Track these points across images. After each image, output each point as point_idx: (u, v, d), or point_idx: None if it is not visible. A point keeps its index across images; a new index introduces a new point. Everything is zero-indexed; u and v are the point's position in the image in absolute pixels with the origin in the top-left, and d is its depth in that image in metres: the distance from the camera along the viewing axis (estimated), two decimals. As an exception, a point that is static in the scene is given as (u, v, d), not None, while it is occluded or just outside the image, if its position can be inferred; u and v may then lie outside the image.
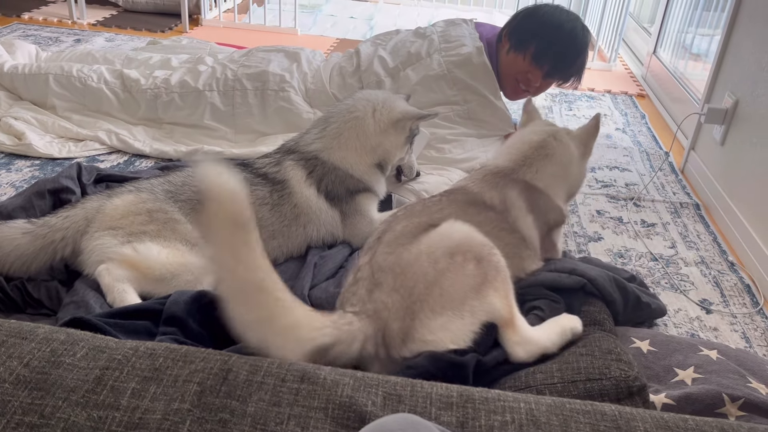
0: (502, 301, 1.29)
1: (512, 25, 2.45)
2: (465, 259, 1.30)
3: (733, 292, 1.89)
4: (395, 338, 1.24)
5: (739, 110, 2.33)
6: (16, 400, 0.87)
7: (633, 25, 4.47)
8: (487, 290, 1.29)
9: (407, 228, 1.39)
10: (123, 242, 1.52)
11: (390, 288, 1.28)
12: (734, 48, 2.46)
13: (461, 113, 2.36)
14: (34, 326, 1.00)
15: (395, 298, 1.27)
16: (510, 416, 0.91)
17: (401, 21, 4.71)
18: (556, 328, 1.34)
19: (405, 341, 1.24)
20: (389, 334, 1.24)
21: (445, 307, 1.26)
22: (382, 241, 1.38)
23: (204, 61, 2.64)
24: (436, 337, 1.24)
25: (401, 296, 1.27)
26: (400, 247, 1.34)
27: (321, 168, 1.80)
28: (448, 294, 1.27)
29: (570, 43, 2.39)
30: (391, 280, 1.29)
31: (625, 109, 3.38)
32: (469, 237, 1.35)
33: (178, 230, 1.58)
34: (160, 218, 1.57)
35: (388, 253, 1.34)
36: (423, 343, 1.24)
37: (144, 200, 1.60)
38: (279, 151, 1.88)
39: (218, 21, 4.32)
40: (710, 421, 0.93)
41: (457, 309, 1.27)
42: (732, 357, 1.39)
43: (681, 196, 2.46)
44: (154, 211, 1.58)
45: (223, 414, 0.88)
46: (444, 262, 1.29)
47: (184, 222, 1.60)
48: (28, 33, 3.78)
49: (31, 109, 2.51)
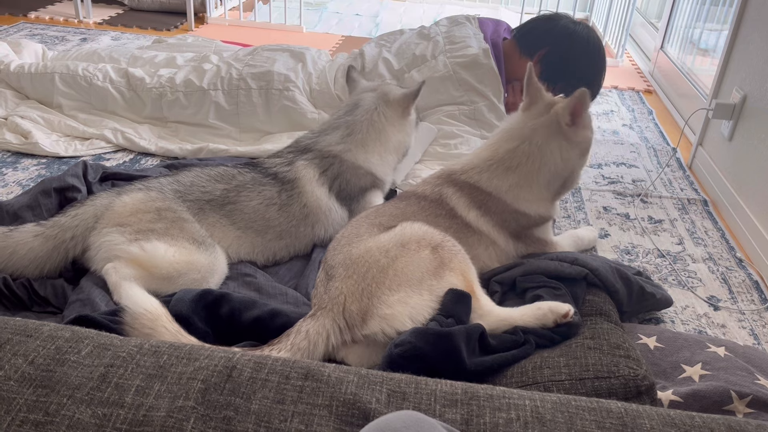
0: (459, 279, 1.33)
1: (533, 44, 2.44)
2: (419, 247, 1.35)
3: (742, 289, 1.88)
4: (355, 318, 1.28)
5: (747, 105, 2.31)
6: (21, 397, 0.87)
7: (640, 20, 4.45)
8: (444, 271, 1.33)
9: (355, 230, 1.46)
10: (130, 240, 1.52)
11: (343, 276, 1.33)
12: (742, 43, 2.45)
13: (467, 113, 2.36)
14: (39, 324, 1.00)
15: (349, 283, 1.32)
16: (515, 413, 0.91)
17: (407, 18, 4.70)
18: (533, 308, 1.35)
19: (365, 319, 1.28)
20: (349, 316, 1.29)
21: (402, 284, 1.31)
22: (331, 245, 1.47)
23: (209, 59, 2.64)
24: (395, 310, 1.27)
25: (355, 281, 1.32)
26: (347, 246, 1.41)
27: (338, 167, 1.81)
28: (404, 274, 1.32)
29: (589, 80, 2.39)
30: (342, 271, 1.35)
31: (632, 104, 3.37)
32: (422, 230, 1.40)
33: (186, 229, 1.58)
34: (168, 217, 1.57)
35: (336, 253, 1.40)
36: (381, 319, 1.27)
37: (153, 198, 1.60)
38: (292, 150, 1.87)
39: (224, 19, 4.32)
40: (717, 418, 0.93)
41: (415, 287, 1.31)
42: (740, 354, 1.38)
43: (688, 192, 2.44)
44: (162, 210, 1.58)
45: (228, 411, 0.88)
46: (395, 251, 1.34)
47: (191, 221, 1.61)
48: (34, 32, 3.80)
49: (37, 108, 2.52)
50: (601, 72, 2.44)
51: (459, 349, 1.19)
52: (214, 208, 1.67)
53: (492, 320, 1.32)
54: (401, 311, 1.27)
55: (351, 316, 1.28)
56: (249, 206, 1.69)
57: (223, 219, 1.67)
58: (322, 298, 1.34)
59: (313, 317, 1.30)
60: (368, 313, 1.28)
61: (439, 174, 1.67)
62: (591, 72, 2.42)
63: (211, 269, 1.56)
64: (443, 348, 1.18)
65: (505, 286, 1.52)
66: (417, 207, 1.56)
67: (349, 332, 1.28)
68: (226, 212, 1.68)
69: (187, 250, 1.54)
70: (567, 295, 1.41)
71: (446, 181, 1.63)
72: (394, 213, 1.53)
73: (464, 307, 1.30)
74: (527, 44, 2.43)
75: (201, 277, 1.53)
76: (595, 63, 2.42)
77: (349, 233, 1.46)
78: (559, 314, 1.31)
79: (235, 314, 1.38)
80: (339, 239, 1.46)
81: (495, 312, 1.35)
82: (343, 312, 1.29)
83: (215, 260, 1.58)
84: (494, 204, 1.59)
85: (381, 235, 1.41)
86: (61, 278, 1.57)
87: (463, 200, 1.58)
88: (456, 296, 1.31)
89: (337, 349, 1.29)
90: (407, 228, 1.41)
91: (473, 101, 2.36)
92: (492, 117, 2.35)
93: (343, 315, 1.29)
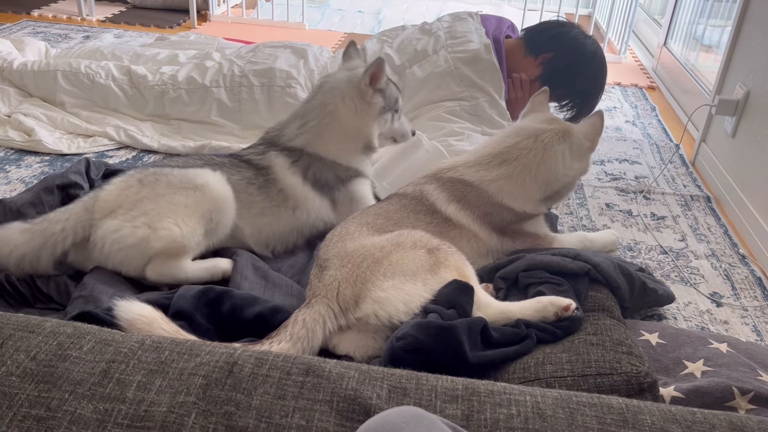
0: (455, 275, 1.34)
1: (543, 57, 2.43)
2: (415, 247, 1.37)
3: (744, 285, 1.87)
4: (348, 302, 1.29)
5: (751, 101, 2.30)
6: (23, 393, 0.87)
7: (643, 16, 4.43)
8: (440, 268, 1.34)
9: (345, 229, 1.48)
10: (126, 220, 1.52)
11: (337, 266, 1.35)
12: (745, 39, 2.44)
13: (468, 109, 2.35)
14: (41, 320, 1.00)
15: (344, 271, 1.33)
16: (516, 409, 0.91)
17: (409, 15, 4.70)
18: (533, 302, 1.35)
19: (357, 302, 1.29)
20: (342, 300, 1.30)
21: (396, 274, 1.32)
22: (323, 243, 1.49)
23: (211, 56, 2.65)
24: (388, 294, 1.28)
25: (350, 269, 1.33)
26: (340, 242, 1.42)
27: (306, 159, 1.78)
28: (399, 266, 1.33)
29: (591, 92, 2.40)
30: (337, 261, 1.36)
31: (635, 101, 3.36)
32: (419, 234, 1.42)
33: (170, 181, 1.59)
34: (150, 180, 1.59)
35: (329, 248, 1.42)
36: (374, 302, 1.28)
37: (131, 175, 1.62)
38: (263, 142, 1.86)
39: (226, 16, 4.32)
40: (719, 415, 0.92)
41: (409, 277, 1.32)
42: (742, 350, 1.38)
43: (691, 188, 2.44)
44: (142, 178, 1.60)
45: (229, 407, 0.88)
46: (390, 247, 1.36)
47: (174, 170, 1.63)
48: (37, 30, 3.80)
49: (40, 106, 2.53)
50: (601, 89, 2.46)
51: (461, 343, 1.19)
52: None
53: (491, 312, 1.32)
54: (395, 295, 1.28)
55: (344, 300, 1.30)
56: (231, 180, 1.69)
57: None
58: (317, 286, 1.35)
59: (307, 306, 1.31)
60: (361, 296, 1.29)
61: (426, 173, 1.68)
62: (591, 87, 2.42)
63: (214, 198, 1.59)
64: (445, 341, 1.18)
65: (508, 281, 1.52)
66: (398, 205, 1.58)
67: (343, 317, 1.29)
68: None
69: (183, 195, 1.57)
70: (569, 291, 1.41)
71: (430, 179, 1.64)
72: (377, 212, 1.55)
73: (467, 298, 1.30)
74: (534, 44, 2.43)
75: (214, 207, 1.59)
76: (596, 79, 2.43)
77: (339, 232, 1.48)
78: (559, 307, 1.31)
79: (236, 311, 1.38)
80: (330, 238, 1.48)
81: (494, 305, 1.35)
82: (336, 297, 1.30)
83: (211, 188, 1.60)
84: (475, 196, 1.59)
85: (375, 236, 1.43)
86: (63, 275, 1.57)
87: (443, 195, 1.59)
88: (459, 287, 1.31)
89: (329, 337, 1.30)
90: (404, 232, 1.43)
91: (474, 97, 2.35)
92: (493, 113, 2.34)
93: (336, 300, 1.30)
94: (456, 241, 1.54)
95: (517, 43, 2.48)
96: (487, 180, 1.60)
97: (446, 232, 1.55)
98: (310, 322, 1.27)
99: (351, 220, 1.54)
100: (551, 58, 2.38)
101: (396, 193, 1.65)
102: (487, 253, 1.62)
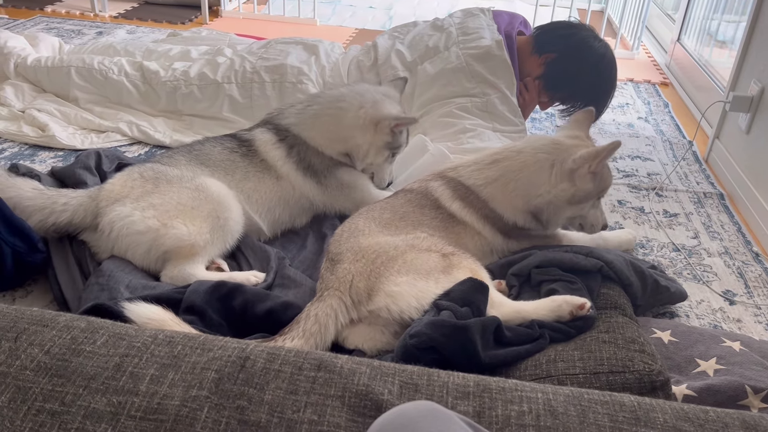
0: (468, 275, 1.34)
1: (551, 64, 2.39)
2: (429, 251, 1.37)
3: (758, 283, 1.86)
4: (361, 294, 1.30)
5: (766, 98, 2.28)
6: (37, 387, 0.88)
7: (656, 12, 4.40)
8: (453, 269, 1.35)
9: (354, 225, 1.49)
10: (136, 208, 1.57)
11: (351, 260, 1.36)
12: (760, 34, 2.41)
13: (479, 105, 2.33)
14: (55, 314, 1.01)
15: (358, 265, 1.34)
16: (527, 406, 0.90)
17: (420, 11, 4.69)
18: (548, 301, 1.34)
19: (371, 295, 1.30)
20: (355, 293, 1.31)
21: (410, 271, 1.32)
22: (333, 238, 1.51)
23: (223, 52, 2.65)
24: (402, 289, 1.29)
25: (364, 264, 1.34)
26: (351, 237, 1.44)
27: (292, 138, 1.84)
28: (413, 264, 1.33)
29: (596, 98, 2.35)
30: (351, 255, 1.37)
31: (647, 97, 3.33)
32: (433, 240, 1.43)
33: (169, 178, 1.66)
34: (150, 176, 1.66)
35: (341, 243, 1.43)
36: (387, 295, 1.29)
37: (131, 169, 1.71)
38: (258, 122, 1.95)
39: (238, 12, 4.33)
40: (731, 413, 0.92)
41: (423, 275, 1.32)
42: (755, 348, 1.37)
43: (705, 185, 2.42)
44: (143, 172, 1.68)
45: (241, 401, 0.88)
46: (405, 247, 1.37)
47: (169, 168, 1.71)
48: (51, 26, 3.83)
49: (54, 101, 2.54)
50: (606, 94, 2.37)
51: (474, 342, 1.19)
52: (182, 151, 1.80)
53: (506, 311, 1.32)
54: (408, 291, 1.29)
55: (357, 292, 1.31)
56: (214, 150, 1.80)
57: (192, 160, 1.76)
58: (329, 279, 1.36)
59: (319, 299, 1.31)
60: (375, 289, 1.30)
61: (431, 171, 1.70)
62: (594, 92, 2.34)
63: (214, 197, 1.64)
64: (459, 341, 1.18)
65: (521, 278, 1.51)
66: (404, 199, 1.59)
67: (355, 309, 1.30)
68: (194, 155, 1.78)
69: (186, 195, 1.63)
70: (583, 290, 1.40)
71: (435, 176, 1.65)
72: (384, 207, 1.57)
73: (482, 297, 1.30)
74: (540, 43, 2.40)
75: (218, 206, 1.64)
76: (600, 84, 2.35)
77: (349, 227, 1.49)
78: (575, 305, 1.30)
79: (248, 306, 1.39)
80: (340, 233, 1.49)
81: (508, 304, 1.35)
82: (349, 290, 1.31)
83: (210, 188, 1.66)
84: (474, 198, 1.59)
85: (388, 236, 1.43)
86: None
87: (447, 192, 1.59)
88: (474, 285, 1.31)
89: (340, 330, 1.31)
90: (419, 236, 1.44)
91: (485, 93, 2.34)
92: (504, 109, 2.31)
93: (349, 293, 1.31)
94: (461, 237, 1.54)
95: (527, 41, 2.46)
96: (479, 184, 1.60)
97: (451, 227, 1.55)
98: (322, 317, 1.27)
99: (358, 215, 1.56)
100: (554, 59, 2.35)
101: (402, 189, 1.66)
102: (492, 252, 1.62)
